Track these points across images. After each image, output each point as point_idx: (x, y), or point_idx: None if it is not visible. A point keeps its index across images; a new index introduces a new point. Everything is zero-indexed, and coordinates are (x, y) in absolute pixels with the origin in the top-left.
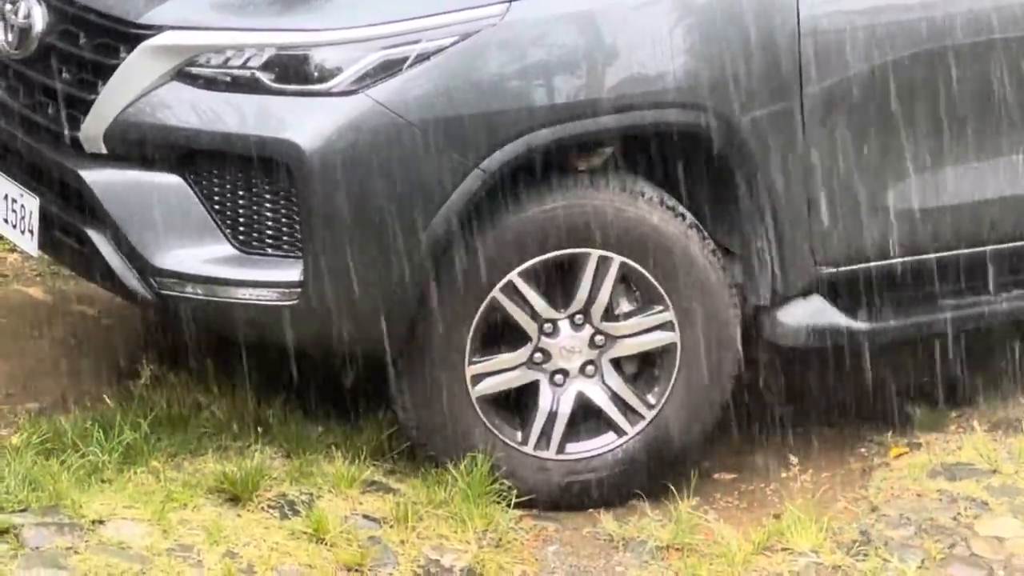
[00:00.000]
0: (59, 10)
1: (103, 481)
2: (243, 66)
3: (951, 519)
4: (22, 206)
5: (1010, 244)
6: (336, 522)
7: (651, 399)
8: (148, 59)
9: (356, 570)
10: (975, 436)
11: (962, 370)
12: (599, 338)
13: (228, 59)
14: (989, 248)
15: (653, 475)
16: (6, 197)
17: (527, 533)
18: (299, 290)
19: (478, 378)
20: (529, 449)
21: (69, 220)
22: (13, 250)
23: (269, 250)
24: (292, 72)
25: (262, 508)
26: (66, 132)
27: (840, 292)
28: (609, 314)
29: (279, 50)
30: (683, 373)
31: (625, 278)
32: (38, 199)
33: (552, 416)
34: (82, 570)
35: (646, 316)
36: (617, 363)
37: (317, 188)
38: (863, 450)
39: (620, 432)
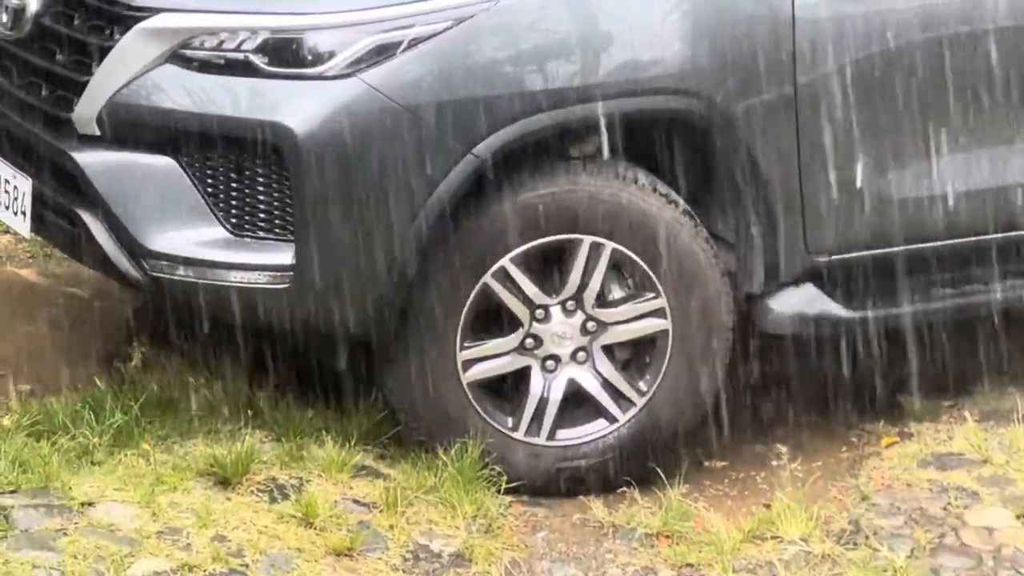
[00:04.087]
0: None
1: (93, 463)
2: (237, 49)
3: (941, 509)
4: (15, 187)
5: (1006, 234)
6: (326, 506)
7: (642, 386)
8: (142, 41)
9: (345, 554)
10: (966, 426)
11: (954, 360)
12: (591, 324)
13: (222, 42)
14: (984, 237)
15: (643, 462)
16: None
17: (516, 519)
18: (291, 273)
19: (469, 363)
20: (520, 435)
21: (62, 202)
22: (6, 232)
23: (261, 233)
24: (286, 55)
25: (252, 492)
26: (59, 114)
27: (833, 280)
28: (601, 300)
29: (273, 33)
30: (674, 360)
31: (617, 265)
32: (31, 180)
33: (543, 402)
34: (71, 552)
35: (638, 303)
36: (609, 350)
37: (310, 171)
38: (854, 439)
39: (611, 419)
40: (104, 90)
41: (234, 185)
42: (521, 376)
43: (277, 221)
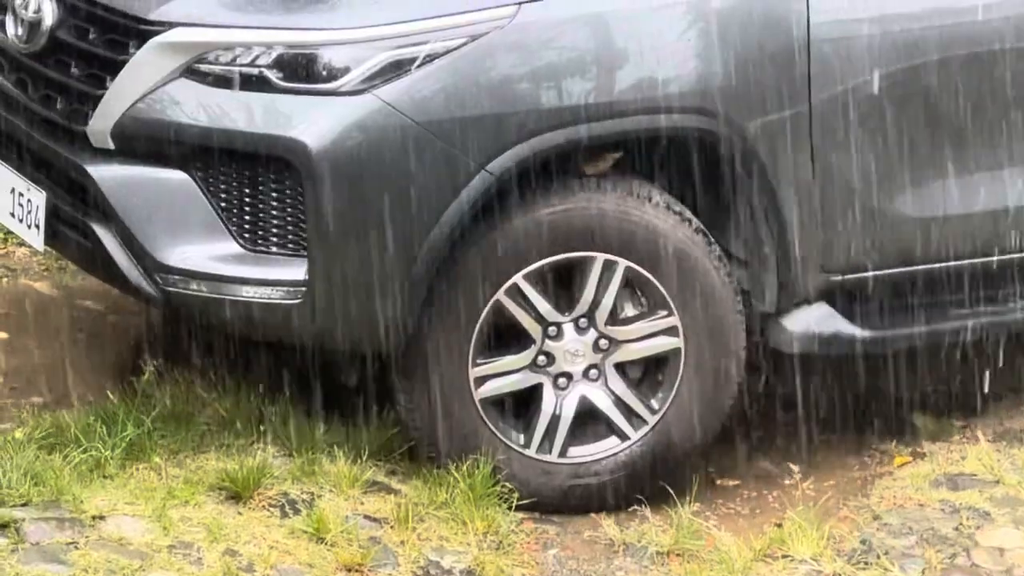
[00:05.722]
0: (69, 5)
1: (105, 477)
2: (251, 64)
3: (953, 529)
4: (29, 200)
5: (1021, 254)
6: (337, 522)
7: (655, 404)
8: (157, 55)
9: (356, 570)
10: (979, 447)
11: (967, 380)
12: (603, 342)
13: (237, 57)
14: (999, 258)
15: (655, 480)
16: (13, 191)
17: (528, 536)
18: (304, 289)
19: (481, 380)
20: (532, 452)
21: (75, 215)
22: (20, 244)
23: (274, 248)
24: (300, 71)
25: (263, 506)
26: (74, 127)
27: (846, 300)
28: (614, 318)
29: (288, 48)
30: (687, 378)
31: (630, 282)
32: (45, 194)
33: (555, 419)
34: (82, 565)
35: (651, 321)
36: (621, 367)
37: (323, 187)
38: (866, 458)
39: (623, 436)
40: (119, 104)
41: (247, 200)
42: (533, 393)
43: (290, 236)
